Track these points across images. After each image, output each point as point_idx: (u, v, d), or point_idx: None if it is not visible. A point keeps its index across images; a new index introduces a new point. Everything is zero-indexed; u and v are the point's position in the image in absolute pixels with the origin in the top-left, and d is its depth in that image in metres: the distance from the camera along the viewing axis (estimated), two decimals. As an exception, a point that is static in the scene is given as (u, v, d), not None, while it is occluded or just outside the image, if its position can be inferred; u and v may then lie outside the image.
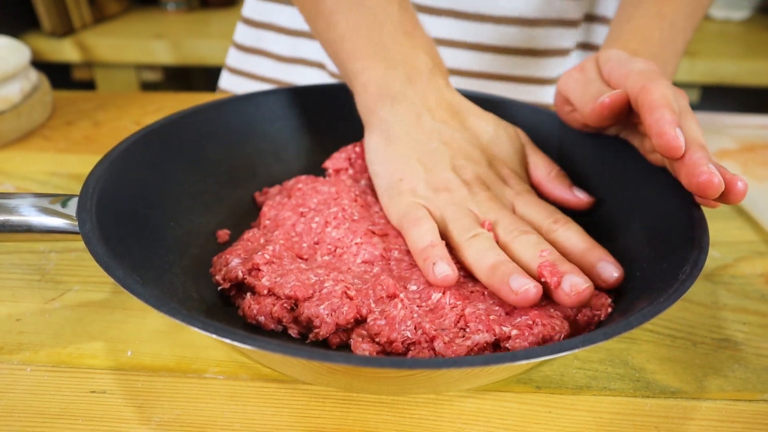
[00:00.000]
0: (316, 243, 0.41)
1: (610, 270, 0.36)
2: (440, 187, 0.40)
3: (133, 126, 0.68)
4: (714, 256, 0.48)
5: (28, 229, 0.34)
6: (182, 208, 0.42)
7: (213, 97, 0.76)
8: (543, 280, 0.34)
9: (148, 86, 1.45)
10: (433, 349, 0.32)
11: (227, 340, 0.25)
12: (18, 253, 0.45)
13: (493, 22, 0.67)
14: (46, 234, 0.34)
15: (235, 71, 0.81)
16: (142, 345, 0.37)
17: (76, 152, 0.62)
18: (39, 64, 1.01)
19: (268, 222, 0.43)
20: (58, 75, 1.11)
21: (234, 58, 0.82)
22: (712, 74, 1.30)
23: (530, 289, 0.33)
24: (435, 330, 0.33)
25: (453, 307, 0.34)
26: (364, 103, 0.44)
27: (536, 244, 0.36)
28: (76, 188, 0.55)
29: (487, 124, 0.44)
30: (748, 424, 0.33)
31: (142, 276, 0.32)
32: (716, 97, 1.43)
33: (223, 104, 0.47)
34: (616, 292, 0.37)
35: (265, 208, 0.44)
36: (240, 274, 0.37)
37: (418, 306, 0.35)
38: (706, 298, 0.43)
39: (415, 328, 0.33)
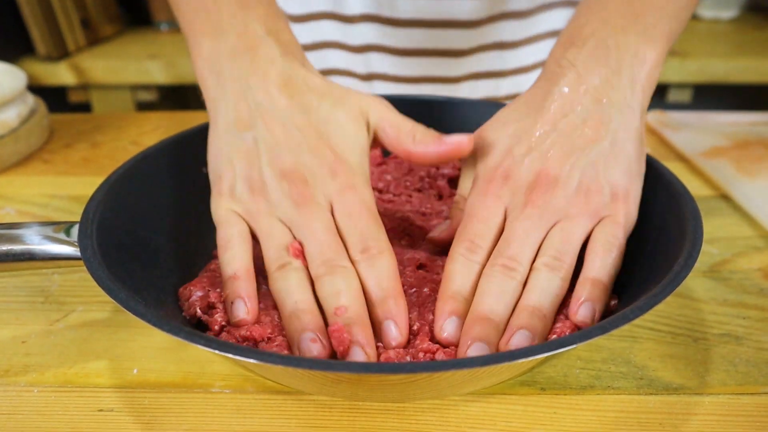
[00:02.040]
0: None
1: (393, 333, 0.33)
2: (256, 186, 0.37)
3: (131, 146, 0.68)
4: (712, 253, 0.48)
5: (31, 258, 0.34)
6: (182, 230, 0.42)
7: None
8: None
9: (143, 106, 1.46)
10: None
11: (229, 355, 0.25)
12: (22, 275, 0.46)
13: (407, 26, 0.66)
14: (50, 261, 0.34)
15: None
16: (147, 362, 0.38)
17: (76, 174, 0.62)
18: (35, 88, 1.02)
19: None
20: (54, 98, 1.12)
21: None
22: (703, 73, 1.31)
23: (317, 354, 0.31)
24: None
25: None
26: (199, 82, 0.41)
27: (335, 295, 0.33)
28: (77, 210, 0.55)
29: (322, 100, 0.39)
30: (751, 417, 0.34)
31: (145, 297, 0.32)
32: (708, 96, 1.44)
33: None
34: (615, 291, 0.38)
35: None
36: (198, 311, 0.35)
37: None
38: (705, 294, 0.43)
39: None
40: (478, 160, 0.40)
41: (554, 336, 0.33)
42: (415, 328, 0.34)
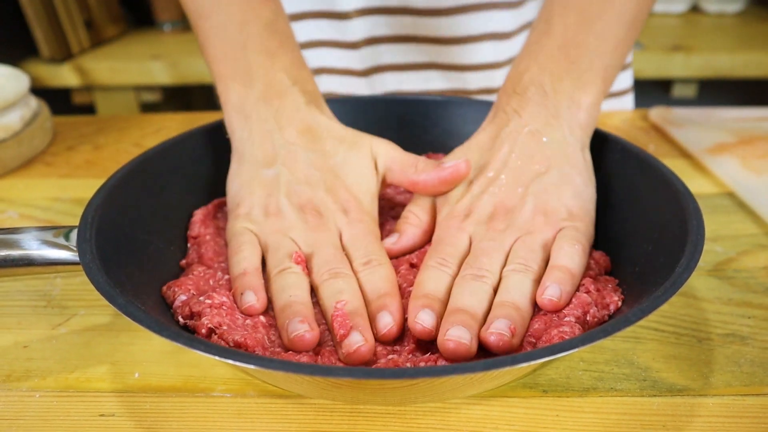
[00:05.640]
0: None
1: (387, 320, 0.35)
2: (272, 212, 0.40)
3: (133, 148, 0.68)
4: (716, 251, 0.48)
5: (29, 263, 0.34)
6: (182, 233, 0.42)
7: (212, 115, 0.77)
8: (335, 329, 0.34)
9: (147, 107, 1.46)
10: None
11: (230, 362, 0.25)
12: (23, 279, 0.46)
13: (417, 15, 0.66)
14: (48, 267, 0.34)
15: None
16: (149, 366, 0.38)
17: (78, 177, 0.63)
18: (39, 90, 1.02)
19: (203, 252, 0.41)
20: (58, 100, 1.12)
21: None
22: (708, 68, 1.30)
23: (304, 335, 0.33)
24: None
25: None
26: (226, 122, 0.45)
27: (337, 293, 0.36)
28: (80, 212, 0.55)
29: (339, 145, 0.43)
30: (756, 418, 0.33)
31: (145, 302, 0.32)
32: (713, 91, 1.43)
33: (217, 126, 0.47)
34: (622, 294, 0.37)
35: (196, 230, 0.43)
36: (181, 319, 0.35)
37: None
38: (709, 293, 0.43)
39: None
40: (438, 196, 0.43)
41: (556, 339, 0.32)
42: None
